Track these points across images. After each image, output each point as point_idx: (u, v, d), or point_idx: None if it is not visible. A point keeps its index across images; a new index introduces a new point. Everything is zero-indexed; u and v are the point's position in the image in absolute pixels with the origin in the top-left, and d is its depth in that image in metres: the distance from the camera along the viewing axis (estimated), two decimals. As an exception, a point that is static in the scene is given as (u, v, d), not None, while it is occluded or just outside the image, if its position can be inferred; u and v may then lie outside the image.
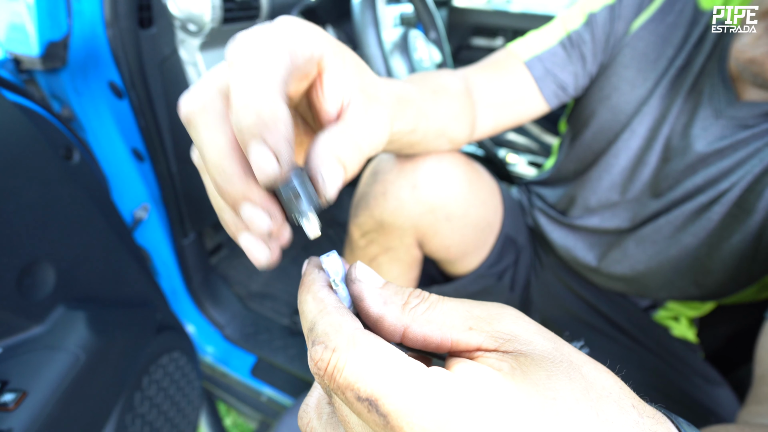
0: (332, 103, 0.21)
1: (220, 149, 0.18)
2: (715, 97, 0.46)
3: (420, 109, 0.37)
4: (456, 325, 0.15)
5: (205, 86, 0.19)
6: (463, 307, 0.16)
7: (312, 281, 0.18)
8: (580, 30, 0.54)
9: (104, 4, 0.53)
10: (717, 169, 0.46)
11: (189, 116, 0.18)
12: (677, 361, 0.54)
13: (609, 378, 0.15)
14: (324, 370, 0.14)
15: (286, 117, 0.17)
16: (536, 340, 0.15)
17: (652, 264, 0.53)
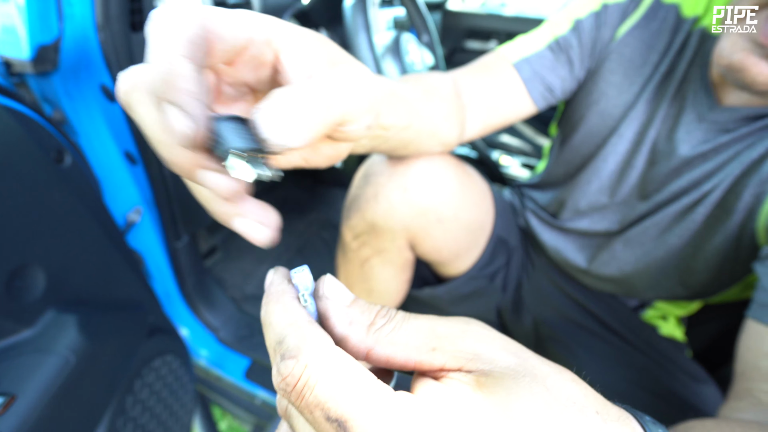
0: (295, 79, 0.20)
1: (155, 122, 0.17)
2: (698, 102, 0.47)
3: (413, 107, 0.37)
4: (419, 346, 0.16)
5: (137, 68, 0.18)
6: (428, 326, 0.16)
7: (281, 292, 0.17)
8: (567, 35, 0.55)
9: (95, 7, 0.53)
10: (700, 172, 0.47)
11: (124, 97, 0.18)
12: (665, 359, 0.55)
13: (573, 386, 0.15)
14: (293, 386, 0.14)
15: (188, 72, 0.16)
16: (499, 356, 0.15)
17: (640, 265, 0.54)
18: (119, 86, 0.18)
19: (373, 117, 0.23)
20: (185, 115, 0.16)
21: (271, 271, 0.19)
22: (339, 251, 0.63)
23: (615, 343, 0.57)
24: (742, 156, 0.43)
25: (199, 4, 0.19)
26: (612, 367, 0.55)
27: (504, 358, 0.15)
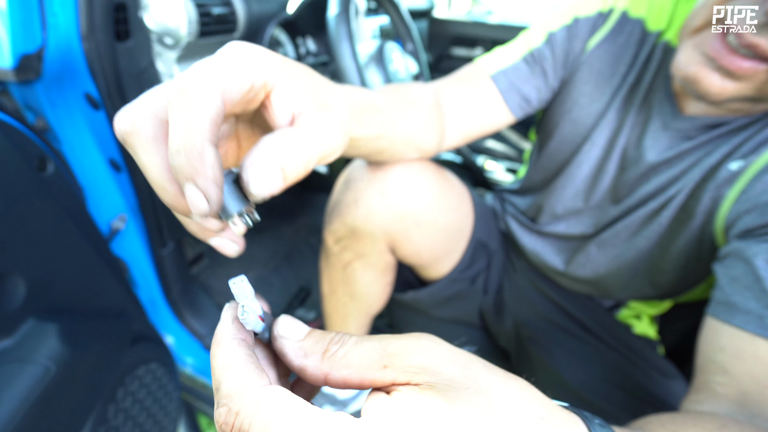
0: (282, 117, 0.22)
1: (159, 170, 0.20)
2: (662, 111, 0.49)
3: (387, 117, 0.39)
4: (371, 366, 0.17)
5: (139, 108, 0.20)
6: (380, 346, 0.17)
7: (223, 334, 0.18)
8: (541, 47, 0.57)
9: (80, 17, 0.54)
10: (665, 177, 0.49)
11: (124, 136, 0.20)
12: (637, 357, 0.57)
13: (519, 394, 0.16)
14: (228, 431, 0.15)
15: (213, 160, 0.18)
16: (445, 369, 0.16)
17: (612, 267, 0.56)
18: (121, 124, 0.20)
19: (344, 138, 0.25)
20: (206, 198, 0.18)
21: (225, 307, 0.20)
22: (322, 255, 0.64)
23: (591, 343, 0.59)
24: (702, 162, 0.46)
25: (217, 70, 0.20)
26: (587, 365, 0.56)
27: (450, 370, 0.16)
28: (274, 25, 0.71)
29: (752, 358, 0.33)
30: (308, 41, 0.92)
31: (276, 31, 0.84)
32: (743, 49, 0.35)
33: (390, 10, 0.85)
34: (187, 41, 0.56)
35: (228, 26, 0.63)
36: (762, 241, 0.37)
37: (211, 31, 0.60)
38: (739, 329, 0.35)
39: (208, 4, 0.58)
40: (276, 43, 0.85)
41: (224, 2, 0.62)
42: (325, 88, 0.25)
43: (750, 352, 0.33)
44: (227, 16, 0.62)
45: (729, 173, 0.43)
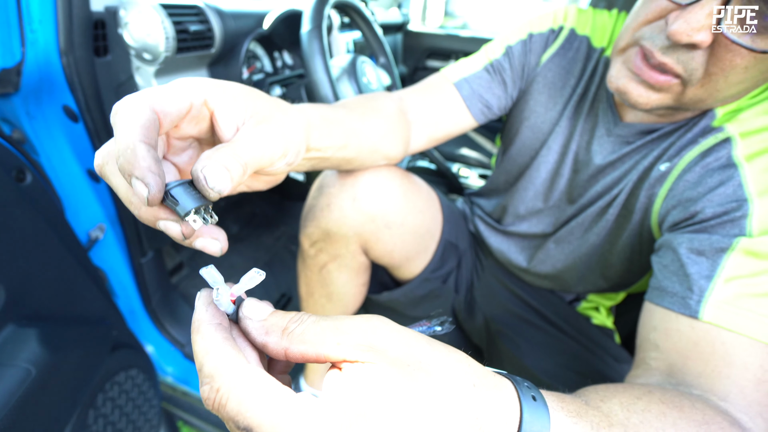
0: (227, 131, 0.27)
1: (125, 189, 0.24)
2: (606, 119, 0.55)
3: (350, 127, 0.43)
4: (326, 342, 0.19)
5: (106, 145, 0.25)
6: (334, 325, 0.20)
7: (200, 321, 0.21)
8: (500, 59, 0.62)
9: (59, 33, 0.56)
10: (610, 179, 0.54)
11: (100, 170, 0.25)
12: (595, 345, 0.61)
13: (457, 365, 0.20)
14: (212, 406, 0.18)
15: (144, 153, 0.21)
16: (390, 348, 0.19)
17: (568, 262, 0.61)
18: (96, 160, 0.25)
19: (294, 155, 0.30)
20: (145, 185, 0.21)
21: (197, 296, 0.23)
22: (299, 259, 0.66)
23: (553, 334, 0.64)
24: (639, 164, 0.51)
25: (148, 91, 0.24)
26: (549, 354, 0.61)
27: (395, 348, 0.19)
28: (249, 40, 0.75)
29: (677, 334, 0.38)
30: (284, 55, 0.96)
31: (252, 45, 0.87)
32: (657, 67, 0.40)
33: (362, 25, 0.90)
34: (165, 56, 0.59)
35: (205, 42, 0.66)
36: (685, 232, 0.42)
37: (188, 47, 0.63)
38: (668, 310, 0.39)
39: (185, 21, 0.61)
40: (253, 57, 0.88)
41: (201, 19, 0.65)
42: (265, 104, 0.29)
43: (675, 328, 0.38)
44: (204, 32, 0.65)
45: (659, 173, 0.48)
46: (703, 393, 0.34)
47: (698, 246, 0.39)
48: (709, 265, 0.38)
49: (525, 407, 0.20)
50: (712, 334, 0.36)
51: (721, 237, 0.39)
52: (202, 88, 0.26)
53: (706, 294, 0.37)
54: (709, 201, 0.41)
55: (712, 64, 0.38)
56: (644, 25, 0.42)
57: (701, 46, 0.37)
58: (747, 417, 0.32)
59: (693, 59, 0.38)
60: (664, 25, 0.39)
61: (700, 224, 0.41)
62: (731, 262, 0.37)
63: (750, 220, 0.38)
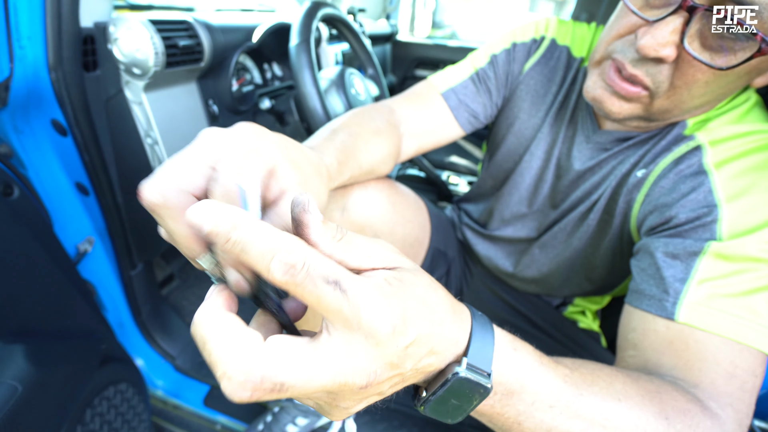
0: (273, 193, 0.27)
1: (186, 236, 0.23)
2: (585, 126, 0.57)
3: (356, 161, 0.45)
4: (361, 254, 0.23)
5: (167, 183, 0.22)
6: (365, 243, 0.23)
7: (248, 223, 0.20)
8: (485, 68, 0.64)
9: (48, 49, 0.56)
10: (590, 184, 0.56)
11: (153, 207, 0.22)
12: (581, 349, 0.63)
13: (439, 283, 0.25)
14: (302, 267, 0.19)
15: None
16: (405, 262, 0.24)
17: (553, 266, 0.62)
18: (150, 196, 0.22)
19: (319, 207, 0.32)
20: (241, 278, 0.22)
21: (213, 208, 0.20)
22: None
23: (540, 338, 0.65)
24: (616, 170, 0.53)
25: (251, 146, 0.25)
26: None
27: (407, 263, 0.24)
28: (239, 53, 0.76)
29: (653, 334, 0.39)
30: (274, 66, 0.97)
31: (242, 57, 0.89)
32: (628, 78, 0.42)
33: (350, 38, 0.92)
34: (154, 71, 0.60)
35: (194, 56, 0.67)
36: (661, 236, 0.43)
37: (177, 62, 0.64)
38: (645, 312, 0.41)
39: (175, 37, 0.62)
40: (243, 69, 0.90)
41: (190, 34, 0.66)
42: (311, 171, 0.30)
43: (652, 329, 0.39)
44: (193, 47, 0.66)
45: (636, 179, 0.50)
46: (674, 380, 0.35)
47: (673, 250, 0.41)
48: (684, 268, 0.40)
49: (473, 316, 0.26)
50: (686, 333, 0.37)
51: (693, 241, 0.40)
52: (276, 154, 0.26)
53: (681, 296, 0.39)
54: (683, 206, 0.43)
55: (677, 78, 0.40)
56: (616, 39, 0.44)
57: (667, 61, 0.39)
58: (716, 404, 0.33)
59: (660, 72, 0.40)
60: (634, 39, 0.41)
61: (674, 229, 0.43)
62: (704, 265, 0.39)
63: (720, 225, 0.40)
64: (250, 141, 0.25)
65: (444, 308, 0.23)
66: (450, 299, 0.25)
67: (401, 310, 0.21)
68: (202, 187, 0.24)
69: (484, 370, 0.24)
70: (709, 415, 0.32)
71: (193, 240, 0.23)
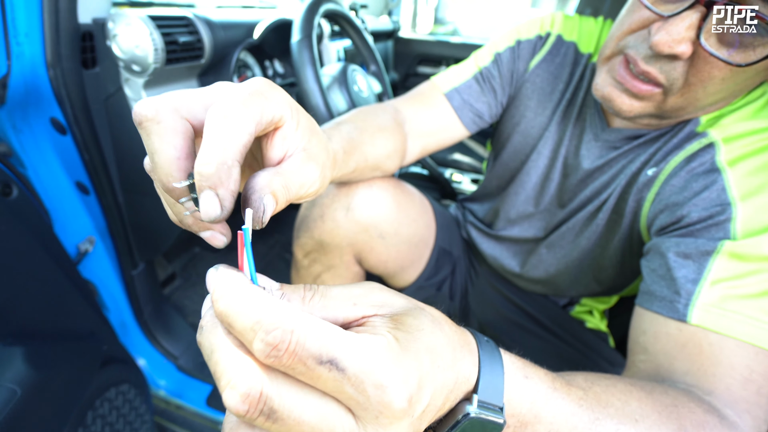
0: (276, 153, 0.24)
1: (168, 158, 0.21)
2: (594, 124, 0.55)
3: (361, 153, 0.44)
4: (344, 306, 0.21)
5: (164, 101, 0.21)
6: (345, 290, 0.21)
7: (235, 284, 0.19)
8: (489, 66, 0.63)
9: (46, 46, 0.55)
10: (599, 183, 0.55)
11: (142, 120, 0.21)
12: (589, 350, 0.62)
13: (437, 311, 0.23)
14: (286, 348, 0.17)
15: (237, 177, 0.20)
16: (397, 301, 0.22)
17: (561, 266, 0.61)
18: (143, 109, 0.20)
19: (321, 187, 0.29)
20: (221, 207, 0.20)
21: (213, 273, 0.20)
22: (292, 269, 0.66)
23: (547, 339, 0.64)
24: (626, 169, 0.52)
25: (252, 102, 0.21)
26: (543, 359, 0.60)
27: (400, 301, 0.22)
28: (240, 50, 0.75)
29: (665, 337, 0.38)
30: (275, 64, 0.96)
31: (243, 54, 0.87)
32: (641, 75, 0.41)
33: (352, 34, 0.90)
34: (154, 68, 0.59)
35: (194, 53, 0.66)
36: (672, 236, 0.42)
37: (177, 58, 0.63)
38: (657, 314, 0.40)
39: (174, 33, 0.61)
40: (244, 66, 0.88)
41: (190, 30, 0.65)
42: (316, 141, 0.27)
43: (663, 332, 0.38)
44: (193, 43, 0.65)
45: (647, 178, 0.49)
46: (688, 387, 0.34)
47: (685, 250, 0.40)
48: (696, 269, 0.39)
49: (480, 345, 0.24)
50: (699, 336, 0.36)
51: (706, 240, 0.39)
52: (284, 105, 0.24)
53: (693, 297, 0.38)
54: (695, 205, 0.42)
55: (692, 75, 0.39)
56: (628, 35, 0.42)
57: (682, 57, 0.38)
58: (732, 412, 0.32)
59: (674, 69, 0.39)
60: (647, 34, 0.40)
61: (686, 228, 0.42)
62: (717, 265, 0.38)
63: (734, 224, 0.38)
64: (261, 86, 0.23)
65: (452, 346, 0.22)
66: (455, 332, 0.23)
67: (415, 375, 0.19)
68: (199, 117, 0.22)
69: (495, 404, 0.23)
70: (727, 425, 0.31)
71: (173, 163, 0.21)
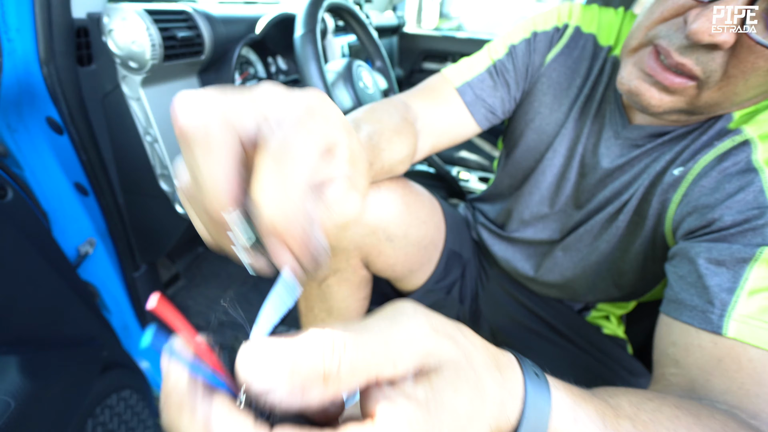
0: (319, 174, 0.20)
1: (219, 182, 0.17)
2: (614, 120, 0.52)
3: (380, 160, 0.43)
4: (383, 366, 0.16)
5: (213, 109, 0.17)
6: (382, 341, 0.16)
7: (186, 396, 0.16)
8: (503, 59, 0.60)
9: (38, 42, 0.53)
10: (619, 183, 0.52)
11: (187, 133, 0.17)
12: (606, 357, 0.59)
13: (483, 351, 0.20)
14: None
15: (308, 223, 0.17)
16: (444, 349, 0.17)
17: (578, 270, 0.58)
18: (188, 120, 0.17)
19: None
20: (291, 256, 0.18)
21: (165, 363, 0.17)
22: (297, 273, 0.64)
23: (563, 345, 0.61)
24: (649, 168, 0.49)
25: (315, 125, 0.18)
26: (559, 368, 0.58)
27: (446, 347, 0.18)
28: (241, 46, 0.72)
29: (698, 350, 0.35)
30: (279, 60, 0.94)
31: (245, 50, 0.85)
32: (673, 68, 0.38)
33: (357, 29, 0.87)
34: (152, 64, 0.56)
35: (194, 49, 0.64)
36: (702, 241, 0.39)
37: (176, 54, 0.60)
38: (687, 324, 0.37)
39: (173, 28, 0.59)
40: (246, 63, 0.86)
41: (189, 25, 0.62)
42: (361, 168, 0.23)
43: (696, 344, 0.36)
44: (193, 38, 0.62)
45: (673, 178, 0.46)
46: (730, 408, 0.32)
47: (717, 256, 0.37)
48: (731, 277, 0.36)
49: (528, 383, 0.21)
50: (737, 351, 0.33)
51: (742, 246, 0.36)
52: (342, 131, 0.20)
53: (729, 308, 0.35)
54: (728, 208, 0.39)
55: (733, 66, 0.36)
56: (660, 23, 0.39)
57: (723, 47, 0.34)
58: None
59: (713, 60, 0.36)
60: (683, 23, 0.37)
61: (718, 233, 0.39)
62: (755, 273, 0.35)
63: None
64: (318, 103, 0.19)
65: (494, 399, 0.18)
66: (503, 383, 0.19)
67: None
68: (251, 133, 0.18)
69: None
70: None
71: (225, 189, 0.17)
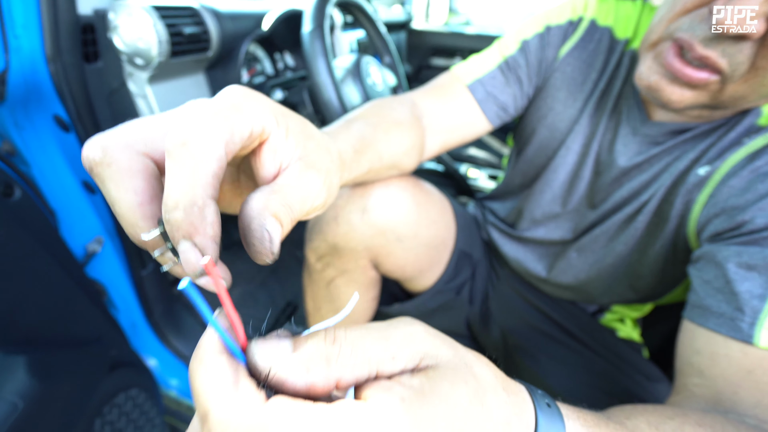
0: (268, 169, 0.21)
1: (130, 206, 0.18)
2: (632, 117, 0.50)
3: (375, 151, 0.40)
4: (382, 359, 0.17)
5: (113, 137, 0.18)
6: (381, 336, 0.17)
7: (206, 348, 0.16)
8: (515, 55, 0.58)
9: (45, 39, 0.52)
10: (638, 182, 0.50)
11: (91, 165, 0.18)
12: (622, 361, 0.57)
13: (488, 369, 0.19)
14: None
15: (214, 218, 0.17)
16: (441, 352, 0.18)
17: (593, 272, 0.56)
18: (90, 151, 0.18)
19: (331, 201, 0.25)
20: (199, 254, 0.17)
21: None
22: (305, 273, 0.63)
23: (576, 349, 0.59)
24: (671, 167, 0.47)
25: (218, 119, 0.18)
26: (574, 372, 0.56)
27: (445, 352, 0.18)
28: (249, 42, 0.71)
29: (725, 360, 0.34)
30: (286, 56, 0.93)
31: (252, 47, 0.84)
32: (696, 61, 0.36)
33: (366, 24, 0.86)
34: (158, 61, 0.56)
35: (201, 45, 0.63)
36: (730, 244, 0.38)
37: (183, 51, 0.59)
38: (713, 332, 0.35)
39: (179, 24, 0.58)
40: (253, 59, 0.85)
41: (196, 21, 0.61)
42: (314, 145, 0.23)
43: (723, 354, 0.34)
44: (200, 35, 0.61)
45: (698, 178, 0.44)
46: (760, 423, 0.30)
47: (748, 260, 0.35)
48: (763, 283, 0.34)
49: (540, 414, 0.20)
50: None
51: None
52: (264, 115, 0.20)
53: (761, 316, 0.33)
54: (761, 210, 0.37)
55: (762, 57, 0.33)
56: (682, 15, 0.37)
57: (752, 37, 0.32)
58: None
59: (740, 52, 0.34)
60: (707, 14, 0.35)
61: (749, 235, 0.37)
62: None
63: None
64: (232, 98, 0.19)
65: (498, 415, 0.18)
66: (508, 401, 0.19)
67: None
68: (161, 149, 0.18)
69: None
70: None
71: (136, 211, 0.18)
